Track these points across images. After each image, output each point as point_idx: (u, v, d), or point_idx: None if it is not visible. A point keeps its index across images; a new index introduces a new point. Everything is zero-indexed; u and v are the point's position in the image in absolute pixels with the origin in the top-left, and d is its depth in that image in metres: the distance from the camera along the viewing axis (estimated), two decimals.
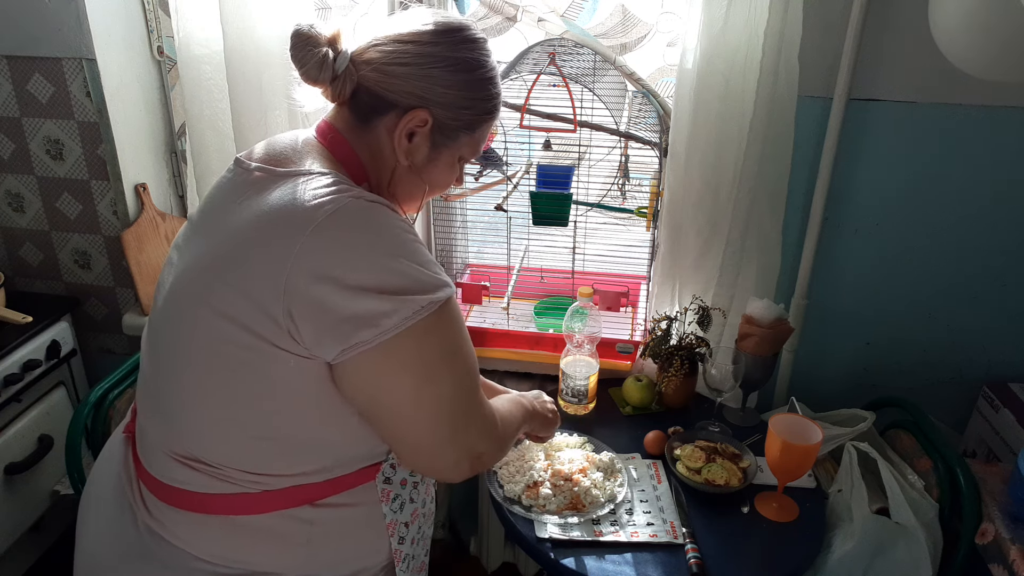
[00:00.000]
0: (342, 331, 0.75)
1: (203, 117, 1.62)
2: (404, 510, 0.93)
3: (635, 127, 1.55)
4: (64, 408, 1.86)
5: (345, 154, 0.89)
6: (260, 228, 0.78)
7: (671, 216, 1.52)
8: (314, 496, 0.85)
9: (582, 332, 1.44)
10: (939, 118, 1.46)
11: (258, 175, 0.85)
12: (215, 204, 0.88)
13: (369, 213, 0.79)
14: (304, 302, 0.75)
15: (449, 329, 0.82)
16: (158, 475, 0.86)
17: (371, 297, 0.75)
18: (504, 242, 1.66)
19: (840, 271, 1.62)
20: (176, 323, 0.83)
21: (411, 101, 0.87)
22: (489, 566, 1.88)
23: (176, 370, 0.83)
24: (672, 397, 1.51)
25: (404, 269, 0.78)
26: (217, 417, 0.81)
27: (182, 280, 0.84)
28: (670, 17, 1.55)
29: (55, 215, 1.87)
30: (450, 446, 0.84)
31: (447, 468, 0.86)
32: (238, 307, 0.77)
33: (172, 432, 0.84)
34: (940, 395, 1.69)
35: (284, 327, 0.75)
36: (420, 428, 0.82)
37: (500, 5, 1.54)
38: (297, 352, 0.77)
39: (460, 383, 0.84)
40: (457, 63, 0.87)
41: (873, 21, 1.38)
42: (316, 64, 0.85)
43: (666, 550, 1.17)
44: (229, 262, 0.79)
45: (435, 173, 0.94)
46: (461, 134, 0.91)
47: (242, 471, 0.82)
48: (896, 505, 1.28)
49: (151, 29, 1.78)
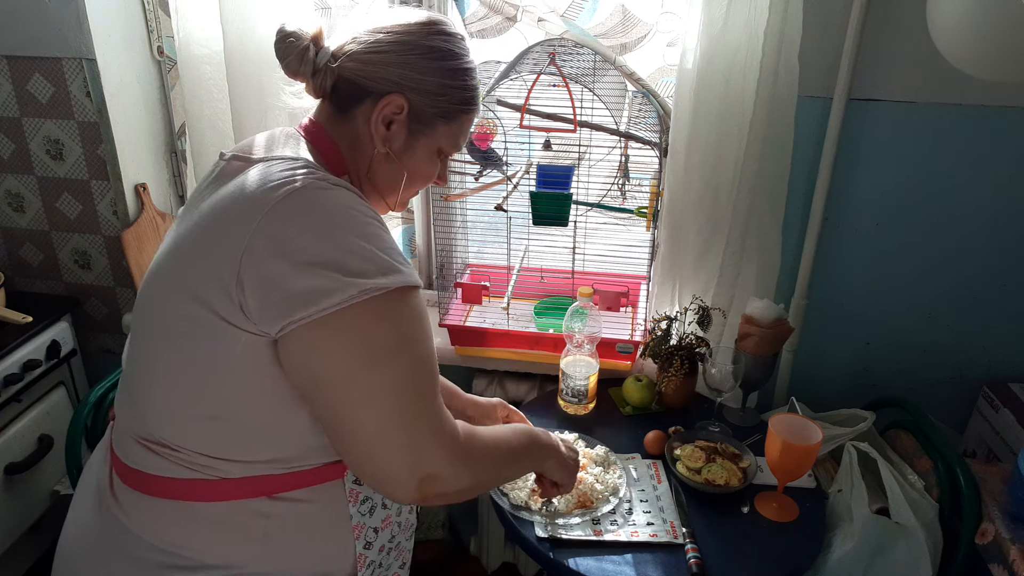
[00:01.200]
0: (285, 305, 0.75)
1: (203, 117, 1.62)
2: (374, 514, 0.90)
3: (635, 127, 1.55)
4: (64, 408, 1.86)
5: (325, 146, 0.91)
6: (225, 208, 0.80)
7: (671, 216, 1.52)
8: (272, 488, 0.83)
9: (582, 332, 1.45)
10: (939, 118, 1.46)
11: (235, 164, 0.88)
12: (196, 195, 0.91)
13: (330, 194, 0.79)
14: (255, 275, 0.75)
15: (401, 319, 0.79)
16: (125, 459, 0.86)
17: (318, 273, 0.75)
18: (504, 242, 1.66)
19: (840, 271, 1.62)
20: (145, 307, 0.86)
21: (387, 87, 0.89)
22: (489, 566, 1.88)
23: (141, 351, 0.86)
24: (672, 397, 1.51)
25: (358, 249, 0.77)
26: (173, 394, 0.81)
27: (155, 267, 0.86)
28: (670, 17, 1.55)
29: (55, 215, 1.87)
30: (394, 449, 0.76)
31: (392, 477, 0.77)
32: (198, 283, 0.78)
33: (136, 414, 0.85)
34: (940, 395, 1.69)
35: (235, 300, 0.76)
36: (359, 419, 0.76)
37: (500, 5, 1.54)
38: (248, 329, 0.77)
39: (408, 378, 0.78)
40: (432, 51, 0.90)
41: (873, 21, 1.38)
42: (296, 57, 0.87)
43: (666, 550, 1.17)
44: (194, 244, 0.81)
45: (413, 161, 0.94)
46: (438, 122, 0.92)
47: (199, 453, 0.81)
48: (896, 505, 1.28)
49: (151, 29, 1.78)
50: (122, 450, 0.87)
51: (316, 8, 1.59)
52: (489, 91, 1.47)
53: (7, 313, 1.76)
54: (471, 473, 0.83)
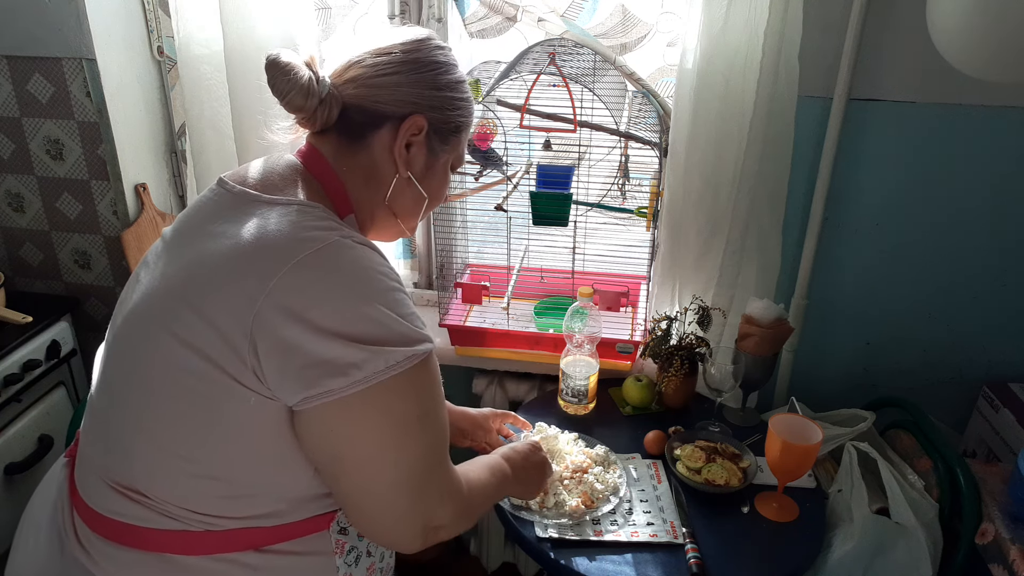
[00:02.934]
0: (308, 375, 0.71)
1: (203, 117, 1.62)
2: (359, 564, 0.89)
3: (635, 127, 1.55)
4: (64, 408, 1.85)
5: (329, 181, 0.86)
6: (236, 257, 0.75)
7: (671, 216, 1.52)
8: (261, 541, 0.79)
9: (582, 332, 1.44)
10: (939, 118, 1.46)
11: (240, 198, 0.82)
12: (191, 224, 0.84)
13: (354, 255, 0.76)
14: (272, 340, 0.71)
15: (425, 389, 0.77)
16: (94, 505, 0.80)
17: (344, 344, 0.71)
18: (504, 242, 1.66)
19: (840, 271, 1.62)
20: (133, 345, 0.79)
21: (405, 109, 0.85)
22: (489, 566, 1.88)
23: (127, 395, 0.79)
24: (672, 397, 1.51)
25: (383, 318, 0.74)
26: (165, 449, 0.76)
27: (146, 300, 0.79)
28: (670, 17, 1.55)
29: (55, 215, 1.87)
30: (409, 516, 0.78)
31: (399, 536, 0.79)
32: (202, 336, 0.73)
33: (114, 460, 0.79)
34: (940, 395, 1.69)
35: (248, 364, 0.72)
36: (379, 494, 0.77)
37: (500, 5, 1.54)
38: (258, 391, 0.73)
39: (430, 450, 0.79)
40: (439, 65, 0.88)
41: (873, 21, 1.38)
42: (300, 92, 0.81)
43: (666, 550, 1.17)
44: (198, 288, 0.75)
45: (433, 182, 0.93)
46: (452, 137, 0.91)
47: (186, 509, 0.77)
48: (896, 505, 1.28)
49: (151, 29, 1.78)
50: (89, 494, 0.81)
51: (316, 8, 1.59)
52: (489, 91, 1.47)
53: (7, 313, 1.76)
54: (470, 519, 0.89)
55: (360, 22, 1.74)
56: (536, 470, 1.14)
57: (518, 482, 1.08)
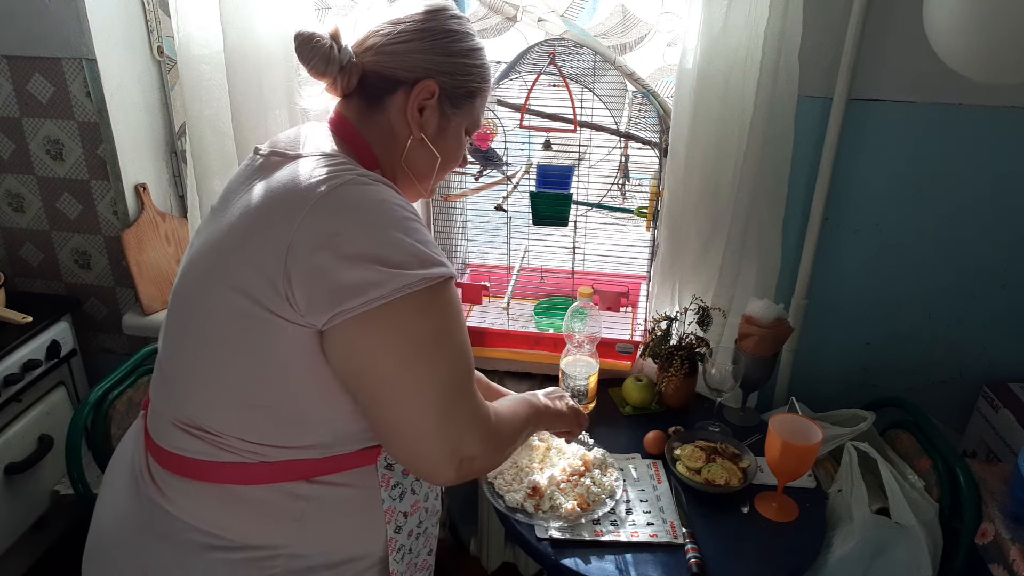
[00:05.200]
0: (333, 297, 0.76)
1: (203, 117, 1.62)
2: (404, 499, 0.93)
3: (635, 127, 1.55)
4: (64, 408, 1.86)
5: (355, 141, 0.93)
6: (266, 203, 0.82)
7: (671, 216, 1.52)
8: (311, 472, 0.85)
9: (582, 332, 1.44)
10: (939, 118, 1.46)
11: (272, 159, 0.89)
12: (232, 191, 0.92)
13: (370, 189, 0.82)
14: (302, 268, 0.77)
15: (443, 312, 0.82)
16: (163, 444, 0.88)
17: (364, 266, 0.77)
18: (504, 242, 1.66)
19: (840, 271, 1.62)
20: (187, 300, 0.87)
21: (417, 74, 0.91)
22: (489, 566, 1.88)
23: (184, 342, 0.87)
24: (672, 397, 1.51)
25: (400, 243, 0.79)
26: (218, 384, 0.83)
27: (195, 259, 0.87)
28: (670, 17, 1.55)
29: (55, 215, 1.88)
30: (437, 438, 0.81)
31: (433, 464, 0.82)
32: (243, 276, 0.80)
33: (175, 399, 0.87)
34: (940, 395, 1.69)
35: (283, 293, 0.78)
36: (404, 411, 0.80)
37: (500, 5, 1.54)
38: (294, 320, 0.78)
39: (450, 371, 0.82)
40: (452, 33, 0.93)
41: (873, 21, 1.38)
42: (322, 58, 0.88)
43: (666, 550, 1.17)
44: (236, 236, 0.82)
45: (446, 144, 0.97)
46: (464, 103, 0.96)
47: (240, 439, 0.83)
48: (896, 505, 1.28)
49: (151, 29, 1.78)
50: (159, 435, 0.89)
51: (316, 8, 1.59)
52: None
53: (7, 313, 1.76)
54: (500, 450, 0.93)
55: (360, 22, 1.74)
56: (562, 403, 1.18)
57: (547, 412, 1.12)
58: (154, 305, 1.88)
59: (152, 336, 1.87)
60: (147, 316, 1.87)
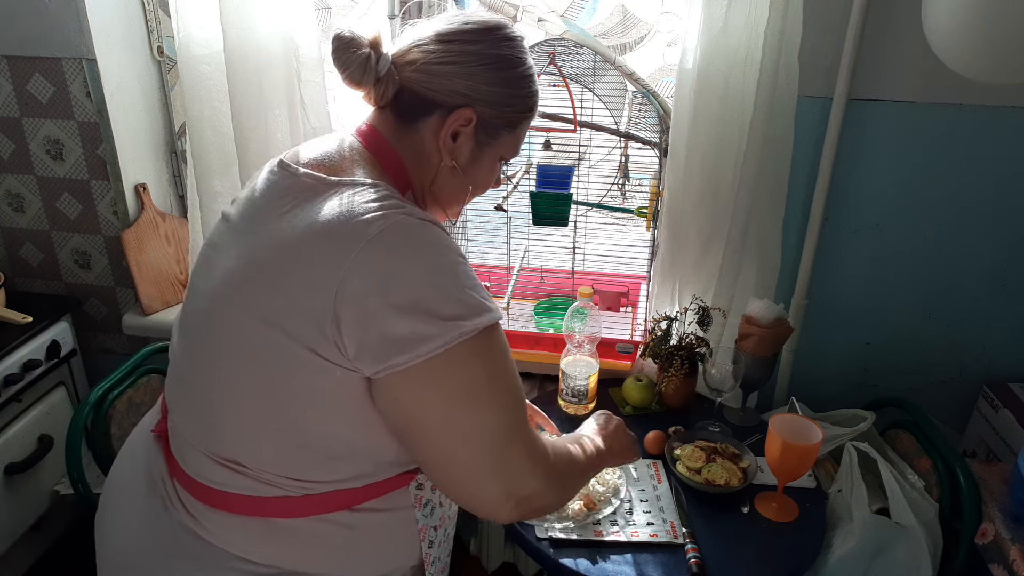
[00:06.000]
0: (383, 349, 0.74)
1: (203, 117, 1.62)
2: (434, 514, 0.93)
3: (635, 127, 1.55)
4: (64, 408, 1.86)
5: (390, 160, 0.88)
6: (311, 240, 0.77)
7: (671, 216, 1.52)
8: (353, 501, 0.84)
9: (582, 332, 1.44)
10: (939, 118, 1.46)
11: (307, 181, 0.83)
12: (259, 208, 0.86)
13: (420, 231, 0.78)
14: (351, 315, 0.74)
15: (492, 356, 0.80)
16: (195, 475, 0.84)
17: (416, 317, 0.74)
18: (504, 242, 1.66)
19: (840, 271, 1.62)
20: (219, 328, 0.82)
21: (456, 100, 0.86)
22: (489, 566, 1.88)
23: (217, 375, 0.82)
24: (672, 397, 1.51)
25: (451, 291, 0.77)
26: (258, 424, 0.80)
27: (227, 285, 0.82)
28: (670, 17, 1.55)
29: (55, 215, 1.87)
30: (492, 479, 0.80)
31: (490, 503, 0.82)
32: (286, 317, 0.76)
33: (211, 435, 0.83)
34: (940, 395, 1.69)
35: (331, 338, 0.75)
36: (456, 455, 0.79)
37: (500, 5, 1.54)
38: (341, 364, 0.76)
39: (502, 414, 0.80)
40: (499, 60, 0.87)
41: (873, 21, 1.38)
42: (359, 67, 0.84)
43: (666, 550, 1.17)
44: (278, 271, 0.78)
45: (478, 173, 0.93)
46: (503, 132, 0.91)
47: (284, 477, 0.81)
48: (896, 505, 1.28)
49: (151, 29, 1.78)
50: (190, 465, 0.85)
51: (316, 8, 1.59)
52: None
53: (7, 313, 1.76)
54: (562, 487, 0.90)
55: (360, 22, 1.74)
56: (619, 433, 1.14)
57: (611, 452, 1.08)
58: (154, 305, 1.88)
59: (152, 336, 1.87)
60: (147, 316, 1.87)
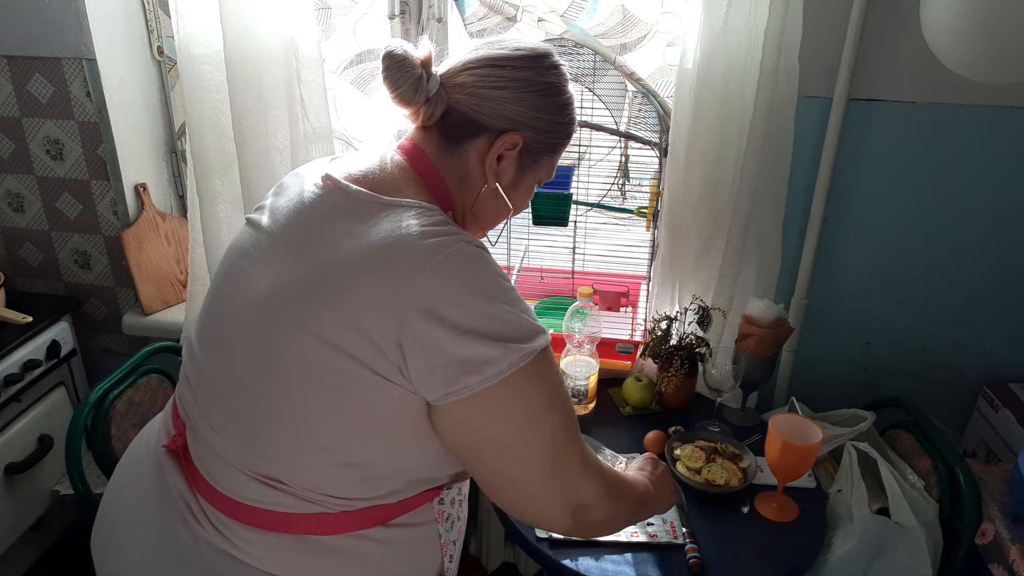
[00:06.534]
0: (449, 373, 0.75)
1: (203, 117, 1.62)
2: (453, 528, 0.95)
3: (635, 127, 1.55)
4: (64, 408, 1.86)
5: (435, 180, 0.89)
6: (371, 260, 0.77)
7: (671, 216, 1.52)
8: (387, 517, 0.86)
9: (582, 332, 1.44)
10: (939, 118, 1.46)
11: (360, 199, 0.83)
12: (305, 221, 0.85)
13: (478, 259, 0.79)
14: (415, 339, 0.74)
15: (548, 376, 0.82)
16: (230, 493, 0.83)
17: (479, 342, 0.75)
18: (504, 242, 1.66)
19: (840, 271, 1.62)
20: (271, 345, 0.80)
21: (504, 124, 0.87)
22: (489, 566, 1.88)
23: (262, 391, 0.81)
24: (672, 397, 1.51)
25: (509, 316, 0.78)
26: (307, 442, 0.80)
27: (278, 301, 0.81)
28: (670, 17, 1.55)
29: (55, 215, 1.88)
30: (551, 489, 0.83)
31: (548, 520, 0.85)
32: (345, 336, 0.76)
33: (253, 452, 0.82)
34: (940, 395, 1.69)
35: (394, 361, 0.75)
36: (516, 473, 0.82)
37: (500, 5, 1.54)
38: (402, 385, 0.77)
39: (559, 429, 0.83)
40: (548, 87, 0.89)
41: (873, 21, 1.38)
42: (411, 87, 0.84)
43: (666, 550, 1.17)
44: (336, 290, 0.77)
45: (518, 195, 0.95)
46: (544, 157, 0.93)
47: (325, 495, 0.82)
48: (896, 505, 1.28)
49: (151, 29, 1.78)
50: (220, 481, 0.84)
51: (316, 8, 1.59)
52: None
53: (7, 313, 1.76)
54: (616, 502, 0.90)
55: (360, 22, 1.74)
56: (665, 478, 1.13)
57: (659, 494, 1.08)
58: (154, 305, 1.88)
59: (152, 336, 1.87)
60: (147, 316, 1.87)
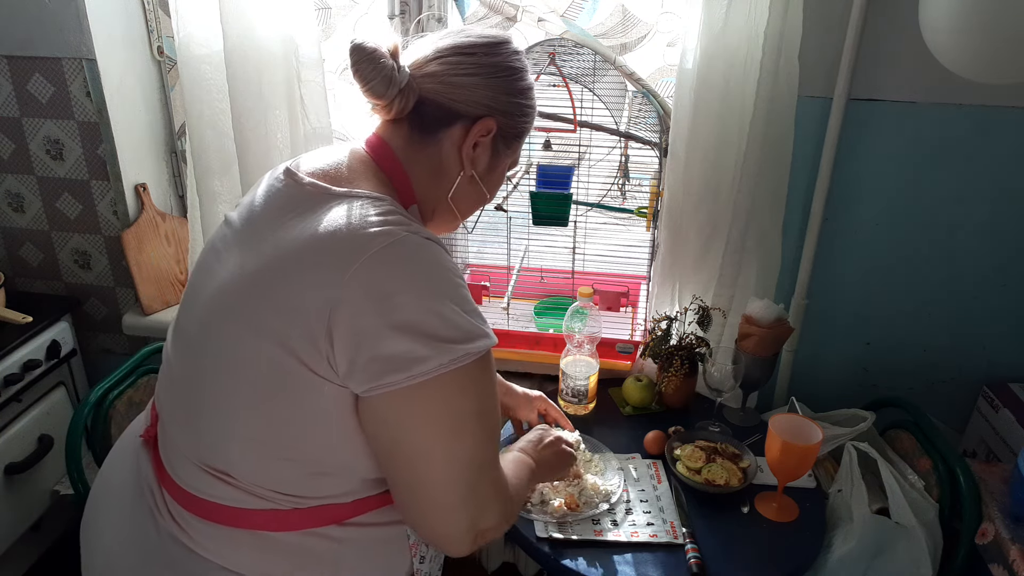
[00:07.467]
0: (375, 368, 0.74)
1: (203, 117, 1.62)
2: None
3: (635, 127, 1.55)
4: (64, 408, 1.86)
5: (396, 173, 0.88)
6: (311, 250, 0.77)
7: (671, 216, 1.52)
8: (342, 516, 0.84)
9: (582, 332, 1.44)
10: (939, 118, 1.46)
11: (310, 190, 0.83)
12: (262, 216, 0.86)
13: (422, 250, 0.77)
14: (345, 331, 0.73)
15: (482, 387, 0.80)
16: (186, 485, 0.84)
17: (411, 338, 0.73)
18: (504, 242, 1.66)
19: (840, 271, 1.62)
20: (216, 336, 0.81)
21: (479, 111, 0.87)
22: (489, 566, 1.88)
23: (212, 384, 0.81)
24: (672, 397, 1.51)
25: (448, 314, 0.76)
26: (250, 436, 0.80)
27: (226, 292, 0.82)
28: (670, 17, 1.55)
29: (55, 215, 1.87)
30: (461, 510, 0.79)
31: (450, 539, 0.81)
32: (282, 329, 0.75)
33: (202, 445, 0.83)
34: (940, 395, 1.69)
35: (323, 352, 0.74)
36: (430, 489, 0.79)
37: (500, 5, 1.54)
38: (331, 380, 0.76)
39: (481, 446, 0.80)
40: (515, 72, 0.90)
41: (873, 21, 1.38)
42: (383, 80, 0.83)
43: (666, 550, 1.17)
44: (276, 281, 0.78)
45: (492, 182, 0.96)
46: (514, 142, 0.94)
47: (272, 490, 0.81)
48: (896, 505, 1.28)
49: (151, 29, 1.78)
50: (179, 473, 0.85)
51: (316, 8, 1.59)
52: None
53: (7, 313, 1.76)
54: (511, 519, 0.88)
55: (360, 22, 1.74)
56: (552, 453, 1.16)
57: (541, 468, 1.11)
58: (154, 305, 1.88)
59: (152, 336, 1.87)
60: (147, 316, 1.87)
